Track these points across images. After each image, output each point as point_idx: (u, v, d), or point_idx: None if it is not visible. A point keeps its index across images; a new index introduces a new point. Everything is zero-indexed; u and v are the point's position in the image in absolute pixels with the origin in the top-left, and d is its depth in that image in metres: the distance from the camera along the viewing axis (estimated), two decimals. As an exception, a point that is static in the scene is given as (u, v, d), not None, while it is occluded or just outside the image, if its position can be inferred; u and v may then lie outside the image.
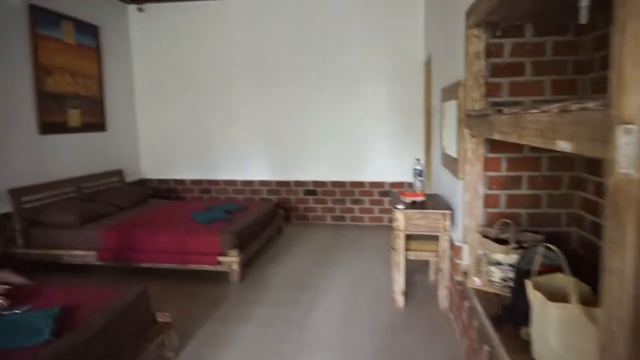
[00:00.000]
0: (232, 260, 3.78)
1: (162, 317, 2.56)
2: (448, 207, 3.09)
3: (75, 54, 5.05)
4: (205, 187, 6.20)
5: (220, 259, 3.79)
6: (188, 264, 3.84)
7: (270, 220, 5.07)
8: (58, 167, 4.70)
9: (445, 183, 3.43)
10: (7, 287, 2.50)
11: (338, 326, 3.02)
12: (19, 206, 4.05)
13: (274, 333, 2.94)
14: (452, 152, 2.94)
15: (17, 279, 2.68)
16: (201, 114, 6.06)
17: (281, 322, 3.10)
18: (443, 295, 3.16)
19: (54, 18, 4.73)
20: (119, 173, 5.66)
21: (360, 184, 5.86)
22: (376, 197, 5.85)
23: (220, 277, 3.90)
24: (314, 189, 5.97)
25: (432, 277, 3.70)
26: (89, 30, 5.29)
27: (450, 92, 3.04)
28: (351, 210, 5.93)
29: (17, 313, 2.26)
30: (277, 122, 5.92)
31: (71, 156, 4.91)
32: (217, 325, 3.07)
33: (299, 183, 6.00)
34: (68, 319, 2.16)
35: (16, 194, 4.05)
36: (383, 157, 5.77)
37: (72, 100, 4.97)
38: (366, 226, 5.84)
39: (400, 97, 5.60)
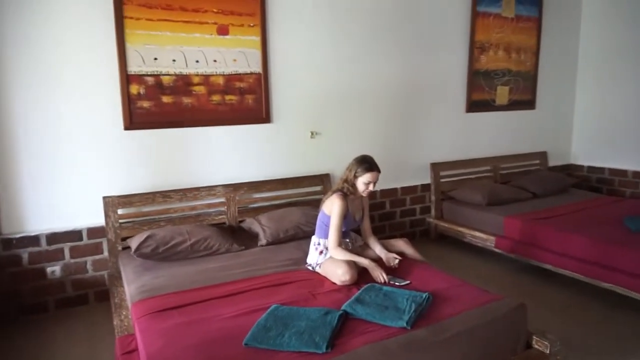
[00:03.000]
0: (673, 296, 2.64)
1: (539, 345, 2.03)
2: None
3: (513, 27, 4.79)
4: (655, 183, 4.72)
5: (656, 289, 2.72)
6: (602, 282, 2.98)
7: None
8: (478, 145, 4.69)
9: None
10: (398, 257, 2.63)
11: None
12: (437, 179, 4.32)
13: None
14: None
15: (409, 251, 2.80)
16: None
17: None
18: None
19: (496, -7, 4.61)
20: (542, 155, 5.12)
21: None
22: None
23: (647, 313, 2.83)
24: None
25: None
26: (531, 0, 4.89)
27: None
28: None
29: (395, 285, 2.34)
30: None
31: (493, 135, 4.79)
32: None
33: None
34: (430, 310, 2.03)
35: (436, 167, 4.33)
36: None
37: (502, 77, 4.80)
38: None
39: None
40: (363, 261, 2.50)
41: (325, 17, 3.68)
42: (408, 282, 2.39)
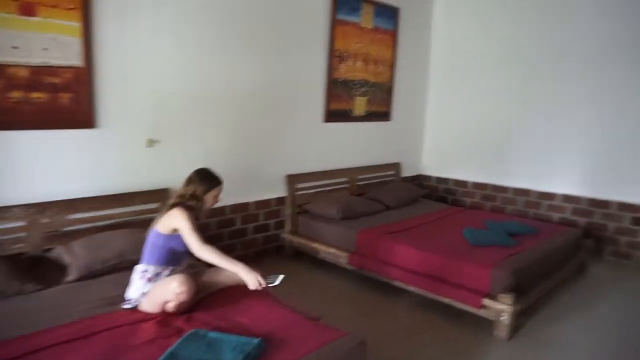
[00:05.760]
0: (502, 309, 2.75)
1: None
2: None
3: (371, 38, 4.82)
4: (490, 193, 5.15)
5: (486, 302, 2.81)
6: (441, 296, 3.03)
7: (571, 255, 3.67)
8: (336, 155, 4.62)
9: None
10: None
11: None
12: (292, 192, 4.10)
13: None
14: None
15: (247, 278, 2.44)
16: (502, 107, 4.96)
17: None
18: None
19: (356, 2, 4.56)
20: (396, 166, 5.28)
21: None
22: None
23: (482, 326, 2.93)
24: (652, 220, 4.09)
25: None
26: (388, 13, 4.97)
27: None
28: None
29: (273, 285, 2.15)
30: (609, 120, 4.27)
31: (350, 145, 4.77)
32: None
33: (626, 206, 4.22)
34: (262, 358, 1.74)
35: (292, 179, 4.11)
36: None
37: (360, 88, 4.80)
38: None
39: None
40: (236, 265, 2.19)
41: (171, 9, 3.21)
42: (283, 276, 2.19)
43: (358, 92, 4.78)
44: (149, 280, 2.22)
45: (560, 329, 2.96)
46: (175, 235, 2.28)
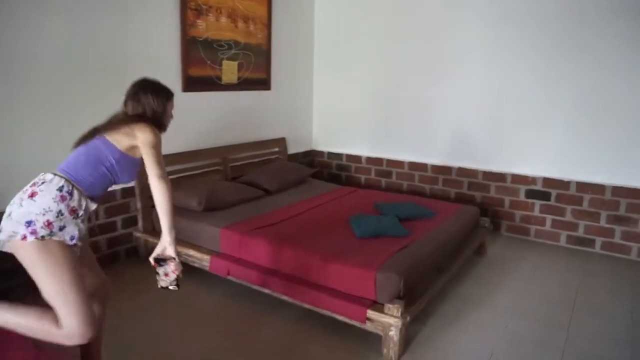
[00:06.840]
0: (389, 323, 2.21)
1: None
2: None
3: (238, -10, 3.99)
4: (385, 168, 4.67)
5: (371, 314, 2.25)
6: (321, 308, 2.43)
7: (468, 237, 3.28)
8: (202, 133, 3.79)
9: None
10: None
11: None
12: (142, 181, 3.23)
13: None
14: None
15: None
16: (398, 76, 4.42)
17: None
18: None
19: (213, -59, 3.69)
20: (281, 142, 4.58)
21: (634, 192, 3.51)
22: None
23: (372, 341, 2.38)
24: (545, 190, 3.86)
25: None
26: (260, -40, 4.16)
27: None
28: (609, 232, 3.65)
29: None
30: (501, 90, 3.93)
31: (221, 120, 3.96)
32: None
33: (520, 178, 3.96)
34: None
35: (141, 164, 3.23)
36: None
37: (228, 50, 3.97)
38: (634, 262, 3.52)
39: None
40: (172, 234, 1.81)
41: None
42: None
43: (226, 55, 3.95)
44: (72, 211, 1.59)
45: (459, 330, 2.52)
46: (127, 157, 1.74)
